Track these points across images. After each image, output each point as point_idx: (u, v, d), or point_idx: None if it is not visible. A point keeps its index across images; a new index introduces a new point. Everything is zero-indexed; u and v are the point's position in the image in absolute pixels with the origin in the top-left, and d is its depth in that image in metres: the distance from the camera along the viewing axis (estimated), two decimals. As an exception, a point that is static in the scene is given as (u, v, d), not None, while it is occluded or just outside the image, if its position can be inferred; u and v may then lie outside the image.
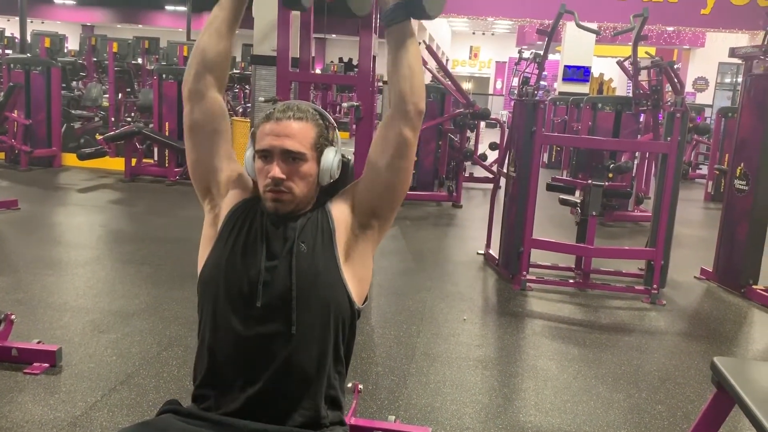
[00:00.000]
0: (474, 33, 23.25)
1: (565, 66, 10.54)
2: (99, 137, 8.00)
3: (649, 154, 7.24)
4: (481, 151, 8.93)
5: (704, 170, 10.17)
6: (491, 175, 7.99)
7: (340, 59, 18.29)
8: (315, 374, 1.39)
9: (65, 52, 11.77)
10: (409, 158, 1.48)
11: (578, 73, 10.48)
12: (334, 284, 1.43)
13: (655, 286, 4.17)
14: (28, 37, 10.41)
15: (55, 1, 23.17)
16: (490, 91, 25.11)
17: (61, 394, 2.51)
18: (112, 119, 9.38)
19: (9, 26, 14.49)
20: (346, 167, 1.58)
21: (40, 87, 7.78)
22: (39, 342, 2.79)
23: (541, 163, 4.57)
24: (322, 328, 1.40)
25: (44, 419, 2.32)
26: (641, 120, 7.36)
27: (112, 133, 7.75)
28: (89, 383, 2.60)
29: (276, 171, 1.40)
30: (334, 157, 1.48)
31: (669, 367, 3.18)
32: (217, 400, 1.38)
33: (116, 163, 7.72)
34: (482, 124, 9.45)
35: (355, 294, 1.46)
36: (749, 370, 1.99)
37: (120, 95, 9.91)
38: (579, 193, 4.61)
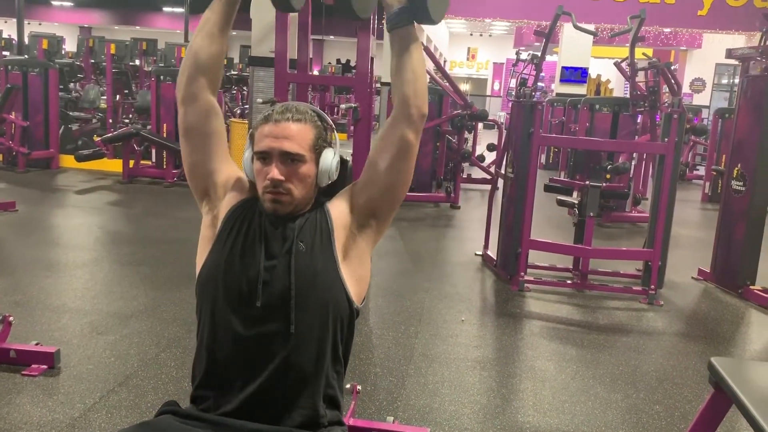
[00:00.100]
0: (471, 34, 23.25)
1: (563, 67, 10.56)
2: (97, 139, 8.00)
3: (647, 155, 7.25)
4: (478, 152, 8.93)
5: (701, 171, 10.19)
6: (489, 176, 8.00)
7: (338, 61, 18.28)
8: (313, 373, 1.39)
9: (63, 53, 11.75)
10: (410, 160, 1.49)
11: (576, 75, 10.50)
12: (333, 283, 1.43)
13: (652, 286, 4.18)
14: (26, 39, 10.40)
15: (53, 2, 23.15)
16: (488, 92, 25.10)
17: (60, 395, 2.51)
18: (110, 121, 9.38)
19: (6, 28, 14.47)
20: (345, 168, 1.59)
21: (37, 89, 7.77)
22: (37, 344, 2.79)
23: (538, 164, 4.58)
24: (320, 327, 1.40)
25: (43, 421, 2.32)
26: (639, 121, 7.37)
27: (110, 134, 7.74)
28: (88, 385, 2.60)
29: (275, 173, 1.41)
30: (333, 159, 1.49)
31: (667, 368, 3.19)
32: (215, 400, 1.38)
33: (114, 165, 7.72)
34: (480, 125, 9.44)
35: (354, 293, 1.46)
36: (746, 370, 2.00)
37: (118, 97, 9.90)
38: (577, 194, 4.62)
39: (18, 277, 3.88)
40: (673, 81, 6.42)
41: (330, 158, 1.48)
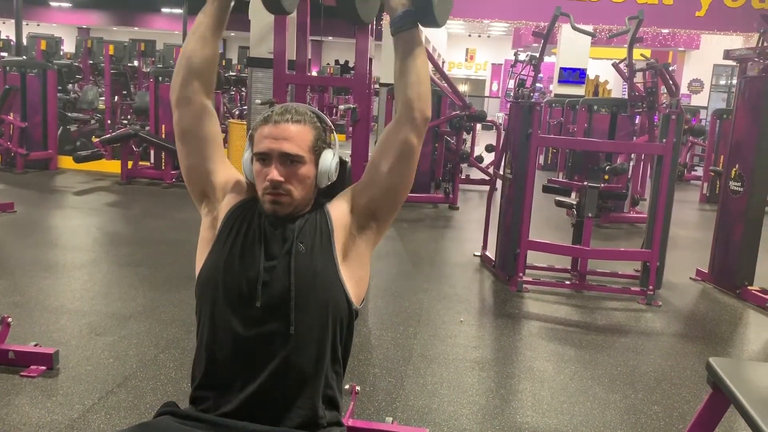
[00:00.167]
0: (470, 35, 23.25)
1: (561, 68, 10.57)
2: (95, 140, 8.01)
3: (645, 155, 7.26)
4: (477, 153, 8.94)
5: (699, 172, 10.20)
6: (487, 177, 8.00)
7: (337, 61, 18.28)
8: (313, 374, 1.39)
9: (61, 54, 11.76)
10: (412, 163, 1.49)
11: (574, 75, 10.51)
12: (333, 284, 1.43)
13: (650, 287, 4.19)
14: (24, 40, 10.39)
15: (51, 3, 23.13)
16: (486, 93, 25.11)
17: (59, 396, 2.51)
18: (109, 122, 9.39)
19: (4, 29, 14.47)
20: (344, 169, 1.59)
21: (35, 90, 7.77)
22: (36, 345, 2.79)
23: (537, 165, 4.59)
24: (320, 328, 1.40)
25: (41, 422, 2.32)
26: (637, 122, 7.38)
27: (109, 135, 7.75)
28: (86, 386, 2.60)
29: (274, 174, 1.41)
30: (332, 160, 1.49)
31: (665, 368, 3.20)
32: (215, 401, 1.38)
33: (112, 166, 7.71)
34: (478, 126, 9.45)
35: (353, 294, 1.47)
36: (744, 370, 2.01)
37: (116, 98, 9.92)
38: (575, 195, 4.63)
39: (16, 278, 3.88)
40: (671, 82, 6.43)
41: (329, 159, 1.49)
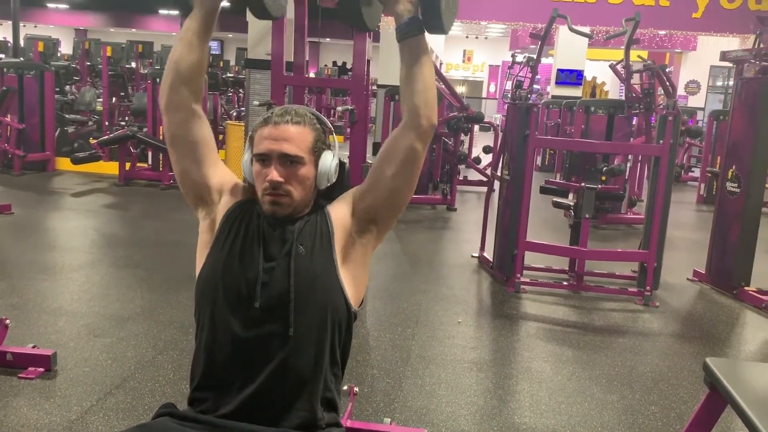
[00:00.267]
0: (467, 37, 23.27)
1: (558, 69, 10.58)
2: (93, 141, 8.00)
3: (642, 156, 7.28)
4: (475, 154, 8.95)
5: (697, 173, 10.22)
6: (485, 179, 7.99)
7: (334, 63, 18.29)
8: (311, 376, 1.39)
9: (58, 56, 11.73)
10: (416, 169, 1.49)
11: (571, 77, 10.53)
12: (332, 287, 1.44)
13: (648, 288, 4.20)
14: (21, 42, 10.38)
15: (48, 5, 23.10)
16: (484, 94, 25.13)
17: (57, 398, 2.51)
18: (106, 123, 9.37)
19: (2, 30, 14.46)
20: (343, 171, 1.60)
21: (33, 91, 7.76)
22: (34, 346, 2.79)
23: (534, 166, 4.60)
24: (318, 330, 1.41)
25: (40, 424, 2.32)
26: (634, 123, 7.40)
27: (106, 137, 7.73)
28: (84, 387, 2.60)
29: (274, 174, 1.42)
30: (332, 161, 1.50)
31: (662, 368, 3.20)
32: (214, 402, 1.39)
33: (110, 168, 7.70)
34: (476, 127, 9.47)
35: (352, 296, 1.47)
36: (741, 370, 2.01)
37: (114, 99, 9.89)
38: (572, 196, 4.65)
39: (14, 280, 3.87)
40: (667, 83, 6.45)
41: (329, 160, 1.49)
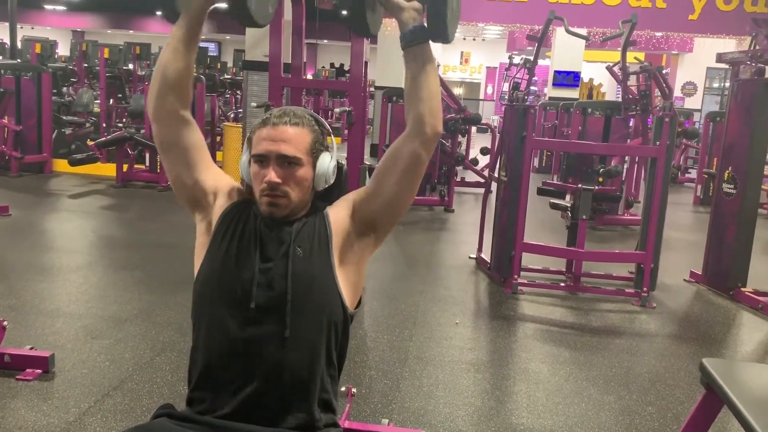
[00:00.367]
0: (465, 38, 23.30)
1: (555, 71, 10.61)
2: (90, 143, 7.99)
3: (639, 158, 7.29)
4: (472, 155, 8.96)
5: (693, 174, 10.24)
6: (483, 180, 8.02)
7: (332, 64, 18.28)
8: (308, 377, 1.40)
9: (56, 57, 11.73)
10: (418, 176, 1.49)
11: (568, 79, 10.55)
12: (329, 289, 1.44)
13: (645, 289, 4.21)
14: (19, 43, 10.36)
15: (46, 6, 23.06)
16: (481, 96, 25.16)
17: (54, 400, 2.51)
18: (104, 125, 9.35)
19: (-1, 32, 14.45)
20: (341, 173, 1.60)
21: (30, 93, 7.75)
22: (31, 348, 2.79)
23: (531, 167, 4.60)
24: (315, 331, 1.41)
25: (37, 425, 2.32)
26: (630, 124, 7.41)
27: (104, 138, 7.72)
28: (82, 389, 2.60)
29: (272, 175, 1.42)
30: (330, 163, 1.50)
31: (659, 369, 3.21)
32: (211, 403, 1.39)
33: (108, 169, 7.70)
34: (473, 129, 9.48)
35: (348, 299, 1.47)
36: (737, 371, 2.02)
37: (111, 101, 9.87)
38: (569, 197, 4.65)
39: (12, 282, 3.87)
40: (664, 85, 6.46)
41: (327, 162, 1.50)
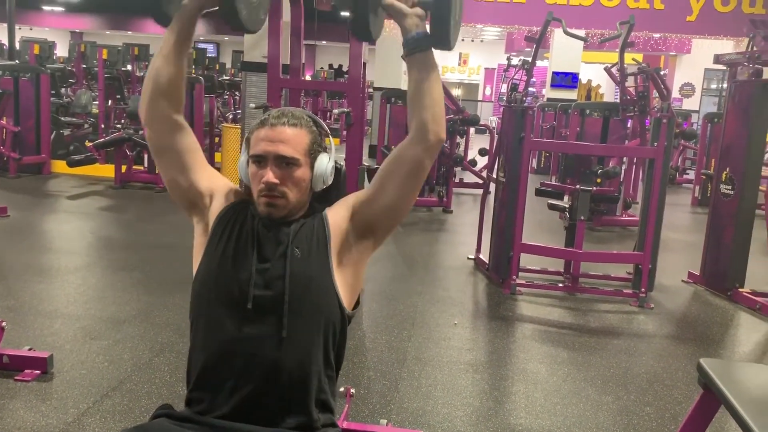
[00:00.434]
0: (463, 40, 23.31)
1: (554, 72, 10.62)
2: (89, 144, 7.98)
3: (637, 159, 7.31)
4: (470, 156, 8.96)
5: (691, 175, 10.26)
6: (481, 181, 8.02)
7: (330, 66, 18.31)
8: (305, 378, 1.40)
9: (54, 58, 11.71)
10: (419, 181, 1.50)
11: (566, 80, 10.56)
12: (326, 290, 1.44)
13: (643, 289, 4.22)
14: (17, 44, 10.36)
15: (44, 7, 23.05)
16: (480, 97, 25.18)
17: (53, 400, 2.51)
18: (102, 126, 9.34)
19: (-3, 33, 14.42)
20: (339, 174, 1.61)
21: (29, 94, 7.74)
22: (30, 349, 2.79)
23: (530, 168, 4.62)
24: (312, 332, 1.41)
25: (36, 426, 2.32)
26: (629, 126, 7.42)
27: (102, 140, 7.71)
28: (81, 390, 2.60)
29: (270, 176, 1.43)
30: (328, 163, 1.51)
31: (657, 370, 3.22)
32: (209, 403, 1.39)
33: (106, 170, 7.70)
34: (472, 130, 9.49)
35: (345, 300, 1.48)
36: (735, 371, 2.03)
37: (110, 102, 9.87)
38: (567, 198, 4.66)
39: (10, 283, 3.87)
40: (662, 86, 6.47)
41: (325, 163, 1.50)
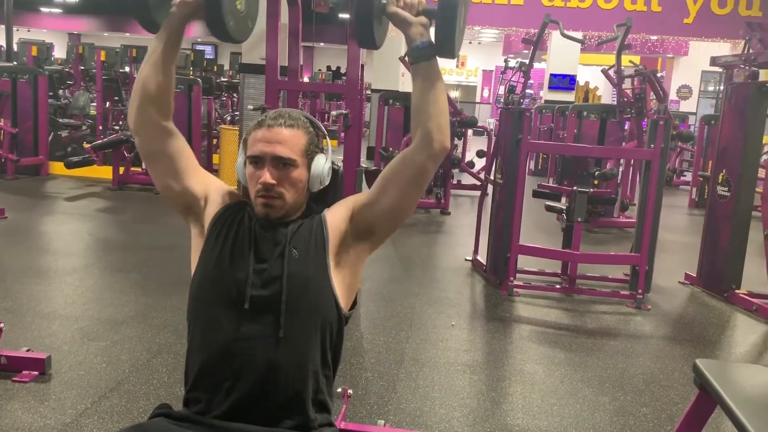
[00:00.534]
0: (461, 41, 23.37)
1: (551, 74, 10.64)
2: (86, 146, 7.97)
3: (634, 161, 7.32)
4: (468, 158, 8.98)
5: (689, 177, 10.28)
6: (479, 183, 8.04)
7: (328, 67, 18.31)
8: (302, 377, 1.40)
9: (52, 60, 11.70)
10: (421, 188, 1.51)
11: (564, 82, 10.58)
12: (324, 290, 1.45)
13: (640, 291, 4.23)
14: (15, 46, 10.36)
15: (42, 9, 23.05)
16: (477, 99, 25.22)
17: (51, 401, 2.51)
18: (100, 128, 9.33)
19: (-5, 34, 14.41)
20: (336, 175, 1.62)
21: (26, 95, 7.74)
22: (28, 350, 2.79)
23: (527, 170, 4.63)
24: (309, 332, 1.42)
25: (34, 427, 2.32)
26: (626, 128, 7.44)
27: (100, 141, 7.71)
28: (79, 390, 2.61)
29: (267, 176, 1.43)
30: (325, 164, 1.52)
31: (654, 370, 3.23)
32: (207, 403, 1.40)
33: (104, 172, 7.69)
34: (470, 131, 9.50)
35: (343, 300, 1.49)
36: (730, 371, 2.03)
37: (108, 104, 9.86)
38: (565, 200, 4.67)
39: (8, 284, 3.87)
40: (659, 88, 6.49)
41: (322, 164, 1.51)
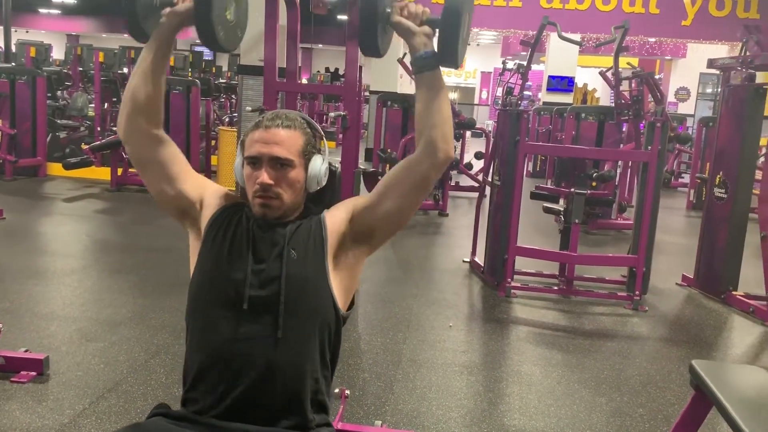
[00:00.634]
0: (459, 43, 23.37)
1: (549, 76, 10.66)
2: (85, 147, 7.97)
3: (632, 162, 7.33)
4: (466, 160, 8.99)
5: (687, 179, 10.29)
6: (477, 184, 8.03)
7: (327, 69, 18.32)
8: (300, 378, 1.41)
9: (50, 61, 11.71)
10: (423, 195, 1.52)
11: (562, 84, 10.60)
12: (322, 291, 1.46)
13: (637, 292, 4.24)
14: (13, 47, 10.36)
15: (40, 10, 23.04)
16: (476, 101, 25.23)
17: (49, 402, 2.51)
18: (98, 129, 9.34)
19: (-7, 35, 14.39)
20: (333, 176, 1.63)
21: (25, 96, 7.73)
22: (26, 350, 2.79)
23: (525, 172, 4.64)
24: (307, 333, 1.43)
25: (32, 427, 2.33)
26: (624, 129, 7.45)
27: (98, 142, 7.72)
28: (77, 391, 2.61)
29: (264, 177, 1.44)
30: (322, 165, 1.52)
31: (650, 372, 3.24)
32: (205, 403, 1.40)
33: (102, 173, 7.69)
34: (468, 133, 9.51)
35: (341, 301, 1.49)
36: (726, 372, 2.04)
37: (106, 105, 9.87)
38: (562, 202, 4.68)
39: (6, 285, 3.87)
40: (656, 90, 6.50)
41: (319, 164, 1.52)
